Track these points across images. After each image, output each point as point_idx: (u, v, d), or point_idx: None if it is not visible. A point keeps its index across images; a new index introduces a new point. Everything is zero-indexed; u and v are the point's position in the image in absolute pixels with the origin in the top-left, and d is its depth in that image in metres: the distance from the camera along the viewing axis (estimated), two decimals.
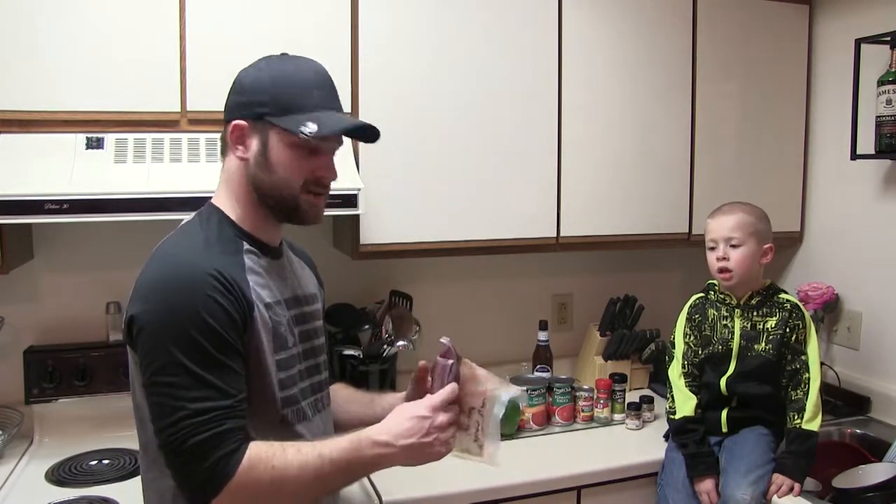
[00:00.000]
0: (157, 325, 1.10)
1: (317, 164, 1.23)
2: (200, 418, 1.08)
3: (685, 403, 1.82)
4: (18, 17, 1.63)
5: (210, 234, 1.22)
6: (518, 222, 2.08)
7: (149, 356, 1.11)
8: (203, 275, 1.12)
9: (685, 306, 1.95)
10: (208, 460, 1.08)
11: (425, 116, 1.96)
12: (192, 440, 1.07)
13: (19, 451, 1.85)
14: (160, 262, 1.17)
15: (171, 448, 1.09)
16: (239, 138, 1.22)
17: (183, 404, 1.08)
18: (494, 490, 1.71)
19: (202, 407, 1.08)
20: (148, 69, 1.72)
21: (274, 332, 1.21)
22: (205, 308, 1.10)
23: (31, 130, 1.67)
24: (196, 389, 1.09)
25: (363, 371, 2.08)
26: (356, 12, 1.88)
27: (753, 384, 1.80)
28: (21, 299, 1.96)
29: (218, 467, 1.08)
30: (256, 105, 1.21)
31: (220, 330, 1.11)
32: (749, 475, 1.67)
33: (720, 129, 2.29)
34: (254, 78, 1.23)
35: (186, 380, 1.08)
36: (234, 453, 1.09)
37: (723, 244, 1.82)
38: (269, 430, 1.19)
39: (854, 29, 2.17)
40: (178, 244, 1.20)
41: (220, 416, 1.09)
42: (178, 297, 1.11)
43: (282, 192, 1.22)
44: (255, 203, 1.24)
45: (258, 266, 1.24)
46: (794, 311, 1.81)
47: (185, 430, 1.07)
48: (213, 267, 1.13)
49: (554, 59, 2.08)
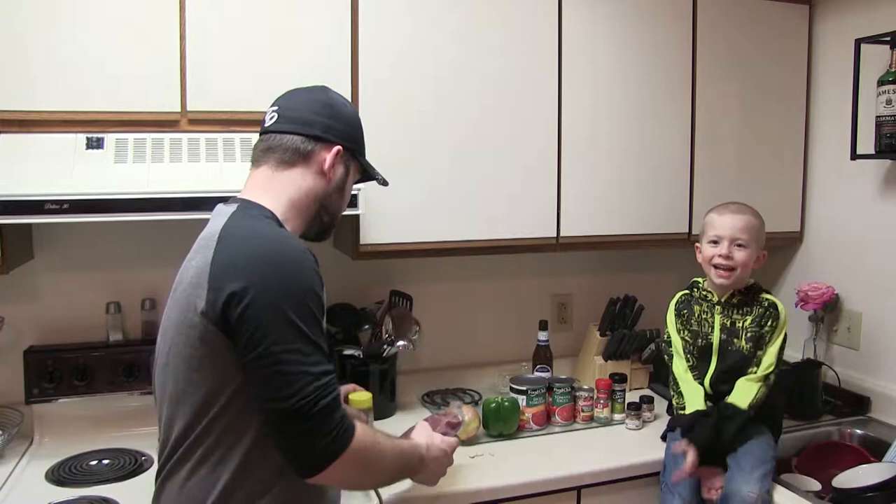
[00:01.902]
0: (272, 297, 1.13)
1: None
2: (323, 380, 1.14)
3: (696, 397, 1.83)
4: (18, 17, 1.63)
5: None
6: (518, 222, 2.08)
7: (264, 327, 1.13)
8: (308, 255, 1.20)
9: (671, 303, 1.97)
10: (334, 422, 1.14)
11: (425, 116, 1.96)
12: (321, 403, 1.13)
13: (19, 451, 1.85)
14: (252, 238, 1.20)
15: (300, 414, 1.12)
16: (336, 161, 1.35)
17: (307, 369, 1.13)
18: (494, 490, 1.71)
19: (322, 370, 1.15)
20: (148, 69, 1.72)
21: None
22: (313, 284, 1.18)
23: (31, 130, 1.67)
24: (315, 355, 1.15)
25: (363, 371, 2.08)
26: (356, 13, 1.88)
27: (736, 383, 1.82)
28: (21, 299, 1.96)
29: (342, 427, 1.15)
30: (351, 140, 1.38)
31: (324, 305, 1.20)
32: (755, 471, 1.68)
33: (720, 128, 2.29)
34: (351, 114, 1.41)
35: (307, 347, 1.14)
36: (347, 417, 1.17)
37: (728, 242, 1.83)
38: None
39: (854, 29, 2.17)
40: (262, 226, 1.24)
41: (334, 380, 1.17)
42: (293, 271, 1.17)
43: (336, 215, 1.40)
44: (310, 216, 1.35)
45: None
46: (769, 309, 1.84)
47: (314, 393, 1.12)
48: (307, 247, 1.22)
49: (554, 59, 2.08)
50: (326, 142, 1.34)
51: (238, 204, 1.29)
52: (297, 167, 1.32)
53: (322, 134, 1.33)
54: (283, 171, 1.32)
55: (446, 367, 2.37)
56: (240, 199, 1.30)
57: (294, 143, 1.32)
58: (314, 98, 1.37)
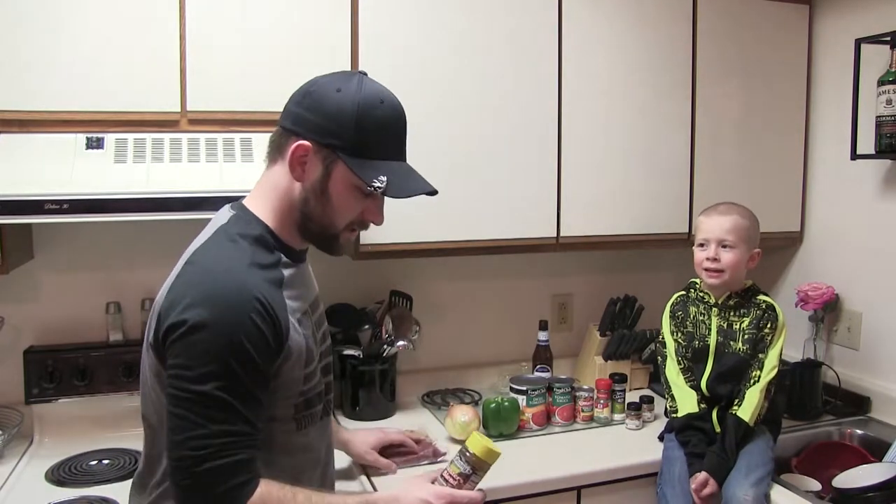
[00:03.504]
0: (197, 337, 1.06)
1: (369, 206, 1.22)
2: (220, 440, 1.05)
3: (687, 400, 1.83)
4: (18, 17, 1.63)
5: (255, 249, 1.17)
6: (518, 222, 2.08)
7: (183, 365, 1.06)
8: (250, 297, 1.08)
9: (667, 305, 1.97)
10: (219, 488, 1.05)
11: (425, 117, 1.95)
12: (208, 464, 1.04)
13: (19, 451, 1.84)
14: (207, 272, 1.12)
15: (184, 466, 1.05)
16: (301, 159, 1.18)
17: (205, 423, 1.05)
18: (494, 490, 1.71)
19: (223, 429, 1.05)
20: (148, 69, 1.72)
21: (306, 347, 1.19)
22: (246, 334, 1.07)
23: (31, 130, 1.66)
24: (221, 411, 1.06)
25: (363, 371, 2.08)
26: (356, 13, 1.88)
27: (733, 384, 1.82)
28: (21, 299, 1.96)
29: (227, 498, 1.06)
30: (332, 136, 1.16)
31: (257, 359, 1.08)
32: (750, 475, 1.67)
33: (720, 129, 2.29)
34: (337, 106, 1.16)
35: (213, 400, 1.05)
36: (245, 486, 1.07)
37: (714, 244, 1.84)
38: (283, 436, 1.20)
39: (854, 29, 2.17)
40: (226, 256, 1.15)
41: (239, 443, 1.07)
42: (224, 314, 1.07)
43: (328, 225, 1.20)
44: (294, 221, 1.21)
45: (292, 277, 1.21)
46: (767, 312, 1.83)
47: (203, 450, 1.04)
48: (259, 289, 1.10)
49: (554, 59, 2.08)
50: (295, 134, 1.18)
51: (235, 213, 1.23)
52: (275, 164, 1.22)
53: (291, 126, 1.19)
54: (267, 168, 1.24)
55: (446, 367, 2.37)
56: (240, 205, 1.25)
57: (274, 136, 1.23)
58: (306, 84, 1.22)
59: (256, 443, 1.10)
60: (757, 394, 1.77)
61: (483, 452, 1.30)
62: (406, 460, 1.77)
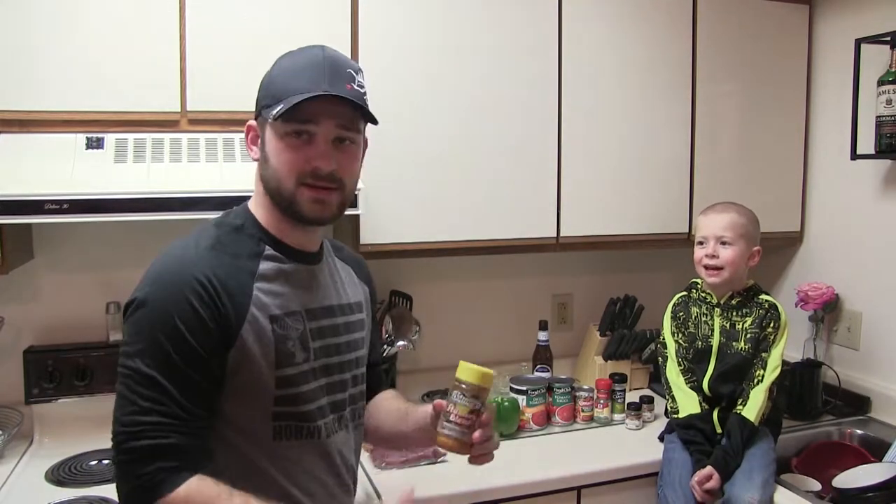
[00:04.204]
0: (136, 316, 1.08)
1: (312, 153, 1.14)
2: (149, 419, 1.05)
3: (689, 402, 1.83)
4: (18, 16, 1.63)
5: (227, 235, 1.17)
6: (518, 222, 2.08)
7: (124, 342, 1.09)
8: (189, 277, 1.08)
9: (669, 305, 1.98)
10: (142, 469, 1.04)
11: (425, 117, 1.96)
12: (134, 443, 1.05)
13: (19, 451, 1.85)
14: (162, 255, 1.14)
15: (116, 442, 1.07)
16: (252, 139, 1.21)
17: (136, 399, 1.05)
18: (494, 490, 1.71)
19: (153, 408, 1.05)
20: (148, 69, 1.72)
21: (276, 348, 1.14)
22: (179, 312, 1.07)
23: (31, 130, 1.67)
24: (150, 389, 1.05)
25: None
26: (356, 13, 1.88)
27: (735, 384, 1.83)
28: (21, 299, 1.96)
29: (152, 481, 1.04)
30: (259, 102, 1.19)
31: (189, 338, 1.07)
32: (755, 478, 1.67)
33: (720, 129, 2.29)
34: (267, 76, 1.20)
35: (143, 377, 1.05)
36: (171, 472, 1.05)
37: (713, 241, 1.84)
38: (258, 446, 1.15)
39: (854, 29, 2.17)
40: (187, 241, 1.16)
41: (169, 426, 1.05)
42: (160, 294, 1.08)
43: (278, 185, 1.15)
44: (272, 205, 1.19)
45: (277, 273, 1.18)
46: (770, 311, 1.84)
47: (132, 427, 1.05)
48: (203, 271, 1.09)
49: (554, 59, 2.08)
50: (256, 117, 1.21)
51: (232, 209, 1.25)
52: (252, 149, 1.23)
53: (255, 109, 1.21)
54: None
55: (446, 367, 2.33)
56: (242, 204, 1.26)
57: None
58: None
59: (193, 431, 1.07)
60: (761, 393, 1.77)
61: (481, 379, 1.21)
62: (406, 460, 1.76)
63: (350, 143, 1.18)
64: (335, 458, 1.25)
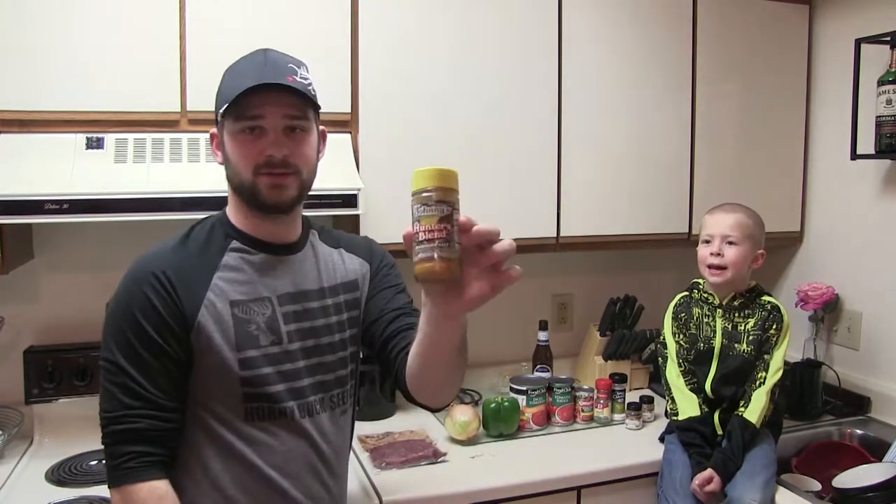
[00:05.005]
0: (108, 313, 1.22)
1: (263, 144, 1.21)
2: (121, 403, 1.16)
3: (688, 404, 1.83)
4: (18, 16, 1.63)
5: (199, 234, 1.27)
6: (518, 222, 2.07)
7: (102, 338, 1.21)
8: (146, 274, 1.19)
9: (670, 305, 1.97)
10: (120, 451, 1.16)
11: (425, 116, 1.96)
12: (113, 427, 1.16)
13: (19, 451, 1.85)
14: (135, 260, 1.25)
15: (101, 427, 1.18)
16: (217, 145, 1.28)
17: (112, 388, 1.17)
18: (494, 490, 1.71)
19: (123, 394, 1.16)
20: (148, 69, 1.72)
21: (236, 331, 1.22)
22: (138, 305, 1.18)
23: (31, 130, 1.67)
24: (120, 377, 1.17)
25: (364, 371, 2.08)
26: (356, 13, 1.88)
27: (737, 386, 1.82)
28: (21, 299, 1.96)
29: (122, 467, 1.16)
30: (216, 110, 1.26)
31: (149, 329, 1.17)
32: (756, 478, 1.67)
33: (720, 129, 2.29)
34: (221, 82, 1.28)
35: (115, 366, 1.17)
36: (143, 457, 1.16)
37: (719, 240, 1.84)
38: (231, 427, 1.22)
39: (854, 29, 2.17)
40: (159, 243, 1.27)
41: (138, 411, 1.16)
42: (124, 291, 1.21)
43: (239, 179, 1.23)
44: (241, 202, 1.27)
45: (243, 263, 1.26)
46: (772, 313, 1.84)
47: (111, 412, 1.16)
48: (160, 267, 1.20)
49: (554, 59, 2.08)
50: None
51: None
52: None
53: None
54: None
55: None
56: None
57: None
58: None
59: (164, 415, 1.18)
60: (763, 395, 1.77)
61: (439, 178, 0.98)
62: (406, 460, 1.76)
63: (301, 130, 1.24)
64: (315, 439, 1.29)
